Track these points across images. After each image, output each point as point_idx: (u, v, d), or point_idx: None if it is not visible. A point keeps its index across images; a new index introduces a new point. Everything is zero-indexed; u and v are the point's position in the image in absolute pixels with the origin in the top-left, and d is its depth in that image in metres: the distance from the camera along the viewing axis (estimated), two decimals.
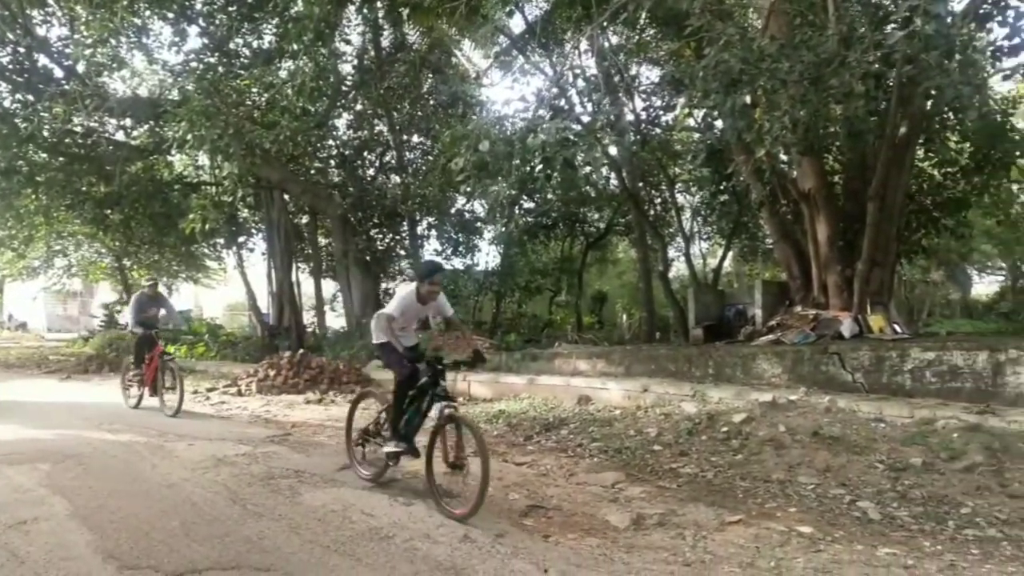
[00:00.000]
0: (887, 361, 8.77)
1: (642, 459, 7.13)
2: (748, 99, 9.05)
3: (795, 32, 10.74)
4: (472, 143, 7.71)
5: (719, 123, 9.48)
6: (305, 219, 22.24)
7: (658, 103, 17.93)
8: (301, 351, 14.57)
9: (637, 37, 16.40)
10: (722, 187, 16.08)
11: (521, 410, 9.64)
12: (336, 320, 22.96)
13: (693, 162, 11.10)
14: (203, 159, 19.71)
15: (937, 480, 5.85)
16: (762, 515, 5.47)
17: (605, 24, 12.77)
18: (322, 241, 22.67)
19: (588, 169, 8.98)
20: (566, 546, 4.79)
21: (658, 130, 17.88)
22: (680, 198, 21.29)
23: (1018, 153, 14.53)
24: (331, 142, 21.16)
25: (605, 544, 4.77)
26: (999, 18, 9.13)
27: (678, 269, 23.76)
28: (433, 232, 22.01)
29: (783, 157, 11.90)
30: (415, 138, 22.57)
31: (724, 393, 8.88)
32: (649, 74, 19.08)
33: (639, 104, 17.96)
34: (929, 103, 10.63)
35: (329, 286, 23.76)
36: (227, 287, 33.72)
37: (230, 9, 18.08)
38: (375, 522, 5.21)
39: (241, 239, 22.99)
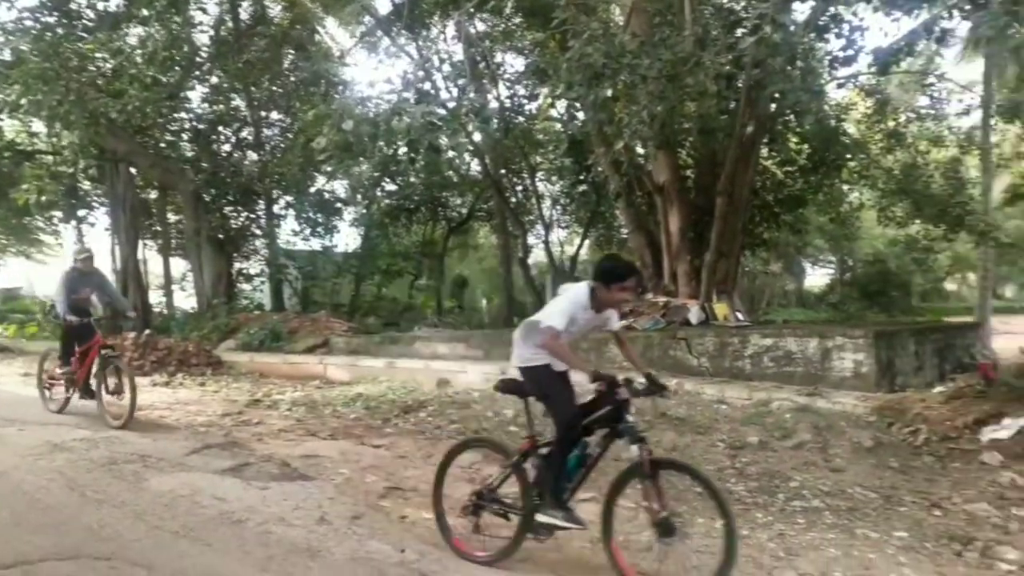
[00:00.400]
0: (730, 347, 9.34)
1: (498, 439, 7.27)
2: (609, 93, 9.35)
3: (655, 31, 11.18)
4: (336, 122, 7.59)
5: (581, 115, 9.73)
6: (154, 194, 21.09)
7: (522, 92, 18.21)
8: (147, 332, 13.89)
9: (503, 25, 16.56)
10: (581, 177, 16.54)
11: (380, 393, 9.61)
12: (186, 300, 22.00)
13: (555, 152, 11.37)
14: (39, 126, 18.40)
15: (771, 457, 6.31)
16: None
17: (472, 11, 12.86)
18: (172, 218, 21.58)
19: (452, 154, 9.04)
20: (423, 526, 4.84)
21: (521, 118, 18.15)
22: (541, 186, 21.70)
23: (848, 156, 15.77)
24: (184, 115, 20.13)
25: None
26: (835, 30, 9.83)
27: (537, 256, 24.24)
28: (291, 211, 21.44)
29: (640, 150, 12.41)
30: (274, 115, 21.81)
31: (580, 376, 9.17)
32: (514, 63, 19.31)
33: (503, 92, 18.19)
34: (773, 106, 11.33)
35: (179, 265, 22.73)
36: (63, 263, 31.55)
37: None
38: (227, 507, 5.08)
39: (82, 213, 21.51)
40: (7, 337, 18.60)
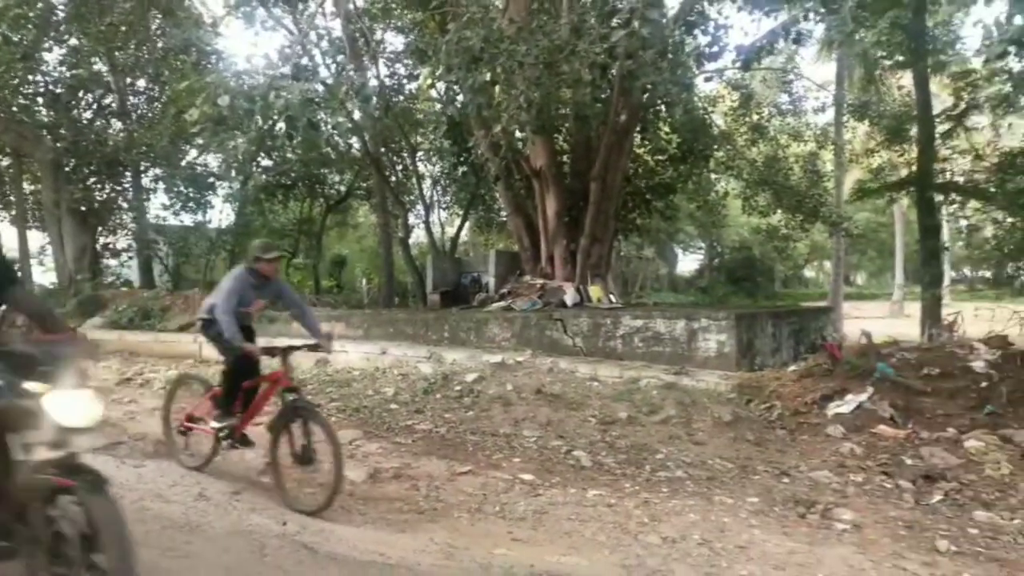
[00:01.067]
0: (603, 328, 9.74)
1: (379, 417, 7.39)
2: (488, 77, 9.49)
3: (532, 17, 11.41)
4: (211, 96, 7.41)
5: (460, 97, 9.85)
6: (6, 162, 19.77)
7: (402, 71, 18.11)
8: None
9: (383, 2, 16.40)
10: (461, 159, 16.66)
11: None
12: (45, 275, 20.78)
13: (435, 133, 11.44)
14: None
15: (639, 431, 6.69)
16: (490, 466, 5.95)
17: None
18: (28, 188, 20.29)
19: (332, 131, 8.99)
20: (303, 501, 4.91)
21: (401, 98, 18.05)
22: (421, 167, 21.65)
23: (716, 147, 16.56)
24: (39, 78, 18.91)
25: (342, 497, 4.94)
26: (702, 27, 10.33)
27: (418, 236, 24.21)
28: (161, 185, 20.55)
29: (518, 135, 12.63)
30: (140, 82, 20.81)
31: (458, 355, 9.37)
32: (394, 41, 19.15)
33: (383, 70, 18.02)
34: (645, 96, 11.77)
35: (37, 238, 21.39)
36: None
37: None
38: None
39: None
40: None
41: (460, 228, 22.55)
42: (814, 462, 6.02)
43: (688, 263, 37.99)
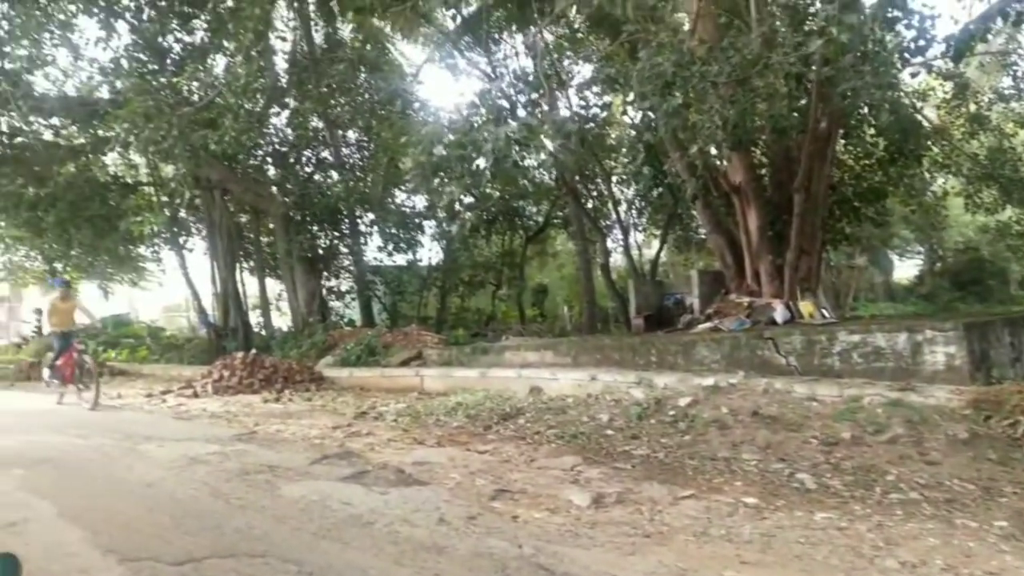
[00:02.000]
0: (817, 344, 9.41)
1: (597, 443, 7.58)
2: (681, 100, 9.56)
3: (722, 34, 11.34)
4: (427, 147, 8.05)
5: (655, 123, 9.97)
6: (246, 218, 22.14)
7: (592, 99, 18.47)
8: (253, 351, 14.66)
9: (571, 35, 16.85)
10: (657, 181, 16.70)
11: (477, 402, 10.00)
12: (281, 319, 22.96)
13: (632, 163, 11.63)
14: (139, 160, 19.63)
15: (865, 452, 6.44)
16: (711, 489, 5.97)
17: (539, 21, 13.24)
18: (265, 240, 22.59)
19: (536, 168, 9.45)
20: (535, 525, 5.19)
21: (593, 125, 18.41)
22: (616, 191, 21.86)
23: (929, 144, 15.51)
24: (268, 140, 21.12)
25: (570, 521, 5.17)
26: (905, 21, 9.80)
27: (616, 260, 24.41)
28: (375, 229, 22.19)
29: (714, 152, 12.56)
30: (351, 134, 22.69)
31: (668, 379, 9.40)
32: (582, 69, 19.59)
33: (574, 100, 18.46)
34: (846, 101, 11.32)
35: (272, 285, 23.70)
36: (163, 289, 33.11)
37: (160, 4, 17.94)
38: (354, 510, 5.54)
39: (182, 239, 22.75)
40: (121, 360, 19.77)
41: (660, 250, 22.46)
42: None
43: (905, 269, 35.39)
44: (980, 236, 27.24)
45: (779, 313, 11.42)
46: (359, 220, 21.80)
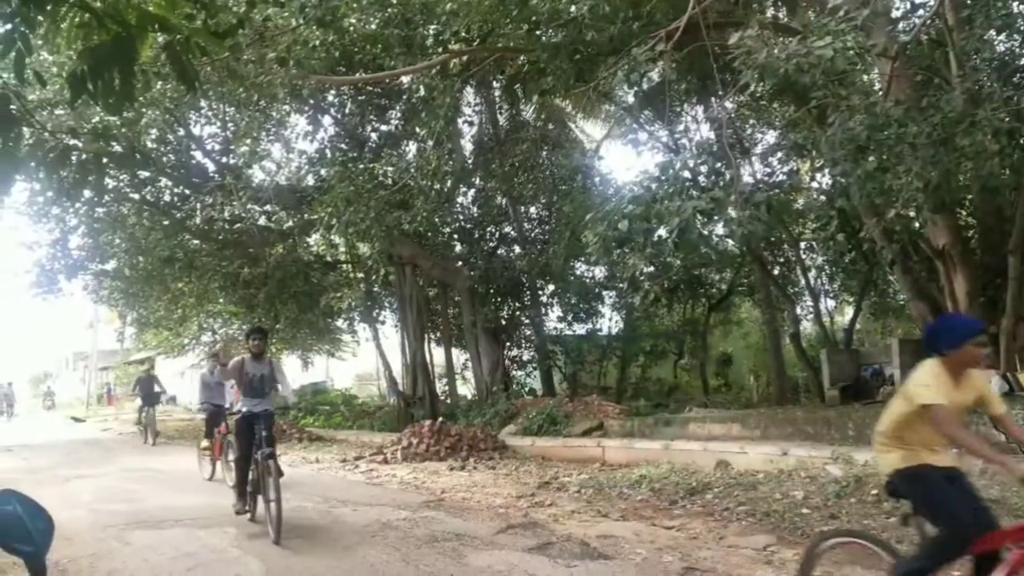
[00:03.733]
0: None
1: (791, 522, 7.21)
2: (876, 163, 9.17)
3: (920, 93, 10.82)
4: (612, 223, 8.20)
5: (847, 188, 9.62)
6: (433, 292, 23.22)
7: (777, 165, 18.04)
8: (439, 419, 15.16)
9: (755, 102, 16.65)
10: (850, 246, 15.97)
11: (662, 475, 9.81)
12: (464, 388, 23.65)
13: (823, 228, 11.22)
14: (338, 240, 21.20)
15: None
16: None
17: (721, 93, 13.21)
18: (451, 312, 23.55)
19: (721, 237, 9.33)
20: None
21: (778, 191, 17.92)
22: (804, 257, 21.07)
23: None
24: (455, 218, 22.22)
25: None
26: None
27: (805, 328, 23.35)
28: (556, 299, 22.55)
29: (913, 215, 11.88)
30: (532, 209, 23.40)
31: (868, 455, 8.78)
32: (764, 135, 19.24)
33: (758, 167, 18.11)
34: None
35: (457, 355, 24.55)
36: (356, 358, 35.09)
37: (360, 99, 19.55)
38: None
39: (375, 312, 24.17)
40: (318, 426, 21.03)
41: (854, 317, 21.30)
42: None
43: None
44: None
45: (995, 384, 10.46)
46: (540, 291, 22.26)
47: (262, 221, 20.99)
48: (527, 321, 23.08)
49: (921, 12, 11.27)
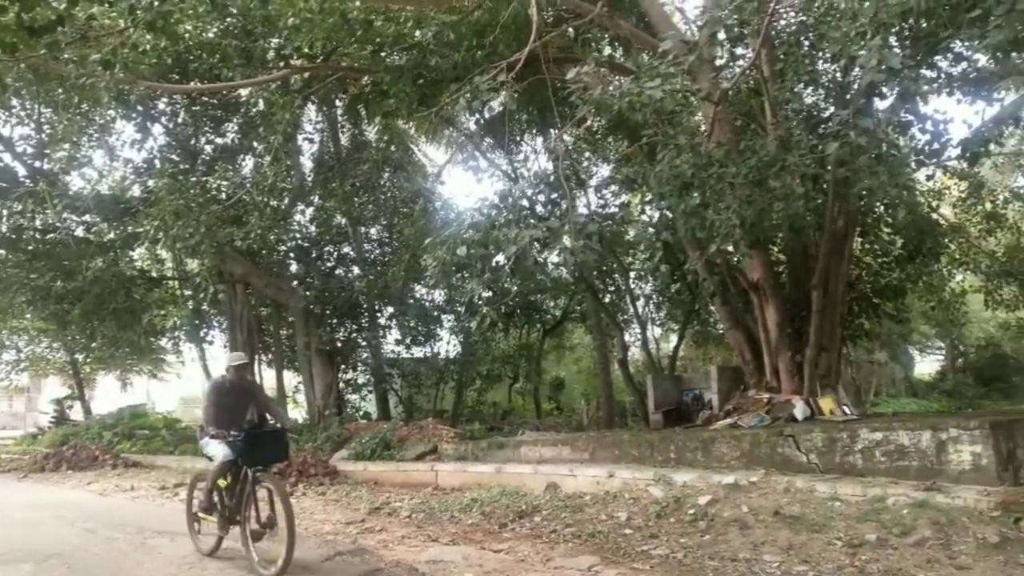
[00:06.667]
0: (839, 442, 9.29)
1: (615, 542, 7.46)
2: (699, 200, 9.76)
3: (739, 137, 11.65)
4: (451, 248, 8.27)
5: (673, 222, 10.18)
6: (266, 311, 22.42)
7: (610, 197, 18.81)
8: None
9: (591, 136, 17.31)
10: (676, 277, 16.82)
11: (493, 498, 9.88)
12: (296, 412, 22.92)
13: (650, 260, 11.79)
14: (165, 254, 20.08)
15: (891, 555, 6.30)
16: None
17: (560, 125, 13.67)
18: (284, 333, 22.79)
19: (556, 265, 9.61)
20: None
21: (611, 223, 18.67)
22: (634, 286, 22.01)
23: (946, 241, 15.63)
24: (291, 236, 21.61)
25: None
26: (919, 126, 10.07)
27: (634, 355, 24.37)
28: (394, 322, 22.36)
29: (731, 250, 12.70)
30: (373, 230, 23.18)
31: (687, 476, 9.28)
32: (601, 169, 20.02)
33: (593, 199, 18.81)
34: (862, 201, 11.51)
35: (290, 378, 23.78)
36: (180, 380, 33.34)
37: (194, 108, 18.69)
38: None
39: (203, 332, 23.00)
40: (135, 452, 19.73)
41: (678, 345, 22.44)
42: None
43: (927, 365, 35.07)
44: (1001, 333, 27.05)
45: (799, 410, 11.31)
46: (378, 314, 21.99)
47: (79, 232, 19.48)
48: (364, 344, 22.68)
49: (741, 62, 12.10)
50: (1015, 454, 8.54)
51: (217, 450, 7.27)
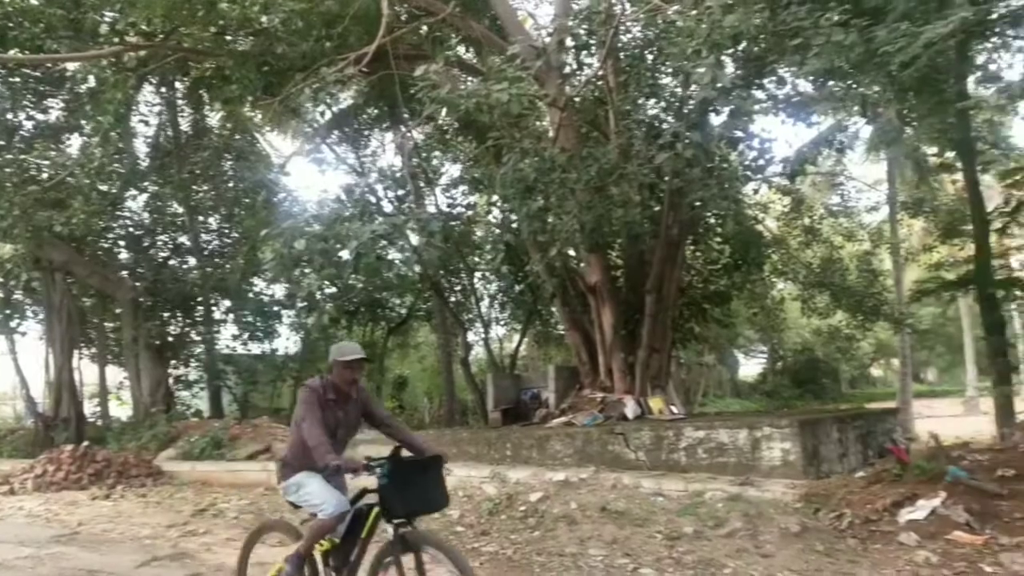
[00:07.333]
0: (665, 440, 9.76)
1: (445, 540, 7.46)
2: (542, 203, 9.97)
3: (582, 144, 11.99)
4: (288, 240, 8.03)
5: (516, 224, 10.35)
6: (90, 302, 20.93)
7: (459, 197, 18.89)
8: (84, 444, 13.64)
9: (440, 135, 17.29)
10: (518, 278, 17.09)
11: None
12: (121, 409, 21.54)
13: (493, 261, 11.95)
14: None
15: (705, 546, 6.67)
16: None
17: (410, 122, 13.60)
18: (109, 325, 21.35)
19: (400, 264, 9.55)
20: None
21: (458, 223, 18.77)
22: (479, 286, 22.19)
23: (770, 252, 16.74)
24: (121, 223, 20.30)
25: None
26: (748, 143, 10.74)
27: (477, 354, 24.55)
28: (231, 316, 21.48)
29: (572, 253, 13.05)
30: (212, 221, 22.15)
31: (522, 474, 9.46)
32: (450, 168, 20.08)
33: (441, 198, 18.84)
34: (695, 210, 12.12)
35: (115, 373, 22.30)
36: None
37: (12, 80, 17.20)
38: None
39: (14, 323, 21.14)
40: None
41: (518, 345, 22.79)
42: (887, 572, 5.93)
43: (751, 368, 37.53)
44: (815, 338, 29.28)
45: (630, 409, 11.77)
46: (214, 307, 21.06)
47: None
48: (198, 338, 21.64)
49: (588, 71, 12.46)
50: (819, 450, 9.30)
51: (320, 493, 4.74)
